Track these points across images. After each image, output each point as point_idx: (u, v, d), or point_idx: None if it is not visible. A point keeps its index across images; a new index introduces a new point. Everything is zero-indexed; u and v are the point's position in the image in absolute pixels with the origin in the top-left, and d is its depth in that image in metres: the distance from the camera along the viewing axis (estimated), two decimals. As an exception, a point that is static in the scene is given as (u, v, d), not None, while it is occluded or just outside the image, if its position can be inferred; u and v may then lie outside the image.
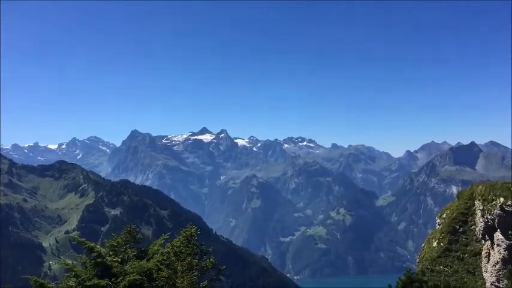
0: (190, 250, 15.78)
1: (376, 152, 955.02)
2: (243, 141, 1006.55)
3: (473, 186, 60.11)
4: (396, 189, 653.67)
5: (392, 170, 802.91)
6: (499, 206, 46.87)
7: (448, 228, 57.66)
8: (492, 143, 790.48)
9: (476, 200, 54.46)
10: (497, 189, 48.78)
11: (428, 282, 14.63)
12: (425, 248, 60.98)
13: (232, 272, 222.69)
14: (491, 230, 49.71)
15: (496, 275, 48.41)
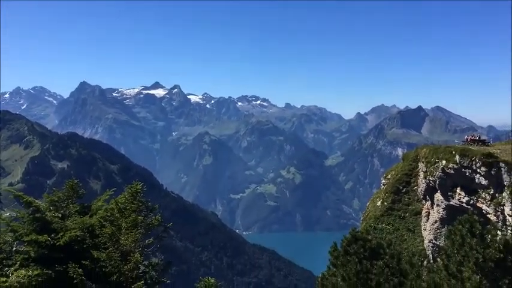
0: (136, 207, 15.31)
1: (328, 113, 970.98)
2: (197, 98, 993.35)
3: (418, 149, 62.44)
4: (345, 150, 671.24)
5: (342, 131, 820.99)
6: (441, 168, 48.93)
7: (392, 188, 59.99)
8: (438, 108, 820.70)
9: (420, 162, 56.65)
10: (440, 153, 50.74)
11: (372, 240, 14.95)
12: (369, 207, 63.39)
13: (182, 228, 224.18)
14: (432, 191, 52.10)
15: (434, 233, 51.17)
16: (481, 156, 44.73)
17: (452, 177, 47.87)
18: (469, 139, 59.02)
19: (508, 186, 41.80)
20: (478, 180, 44.98)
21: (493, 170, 43.53)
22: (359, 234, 14.88)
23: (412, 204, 57.30)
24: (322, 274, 16.27)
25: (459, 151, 47.64)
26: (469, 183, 46.19)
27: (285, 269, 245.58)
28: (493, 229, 11.92)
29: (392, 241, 44.12)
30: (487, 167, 43.88)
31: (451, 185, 48.56)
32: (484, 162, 44.11)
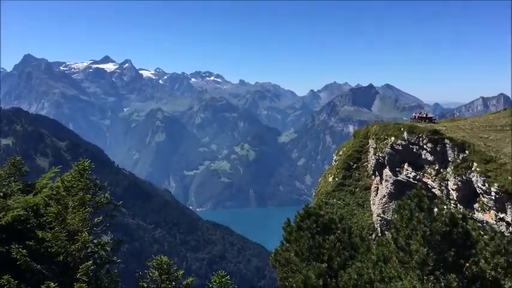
0: (83, 185, 14.70)
1: (282, 90, 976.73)
2: (149, 73, 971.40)
3: (369, 126, 63.98)
4: (298, 126, 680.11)
5: (296, 108, 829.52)
6: (390, 145, 50.37)
7: (343, 164, 61.36)
8: (388, 85, 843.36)
9: (370, 139, 58.09)
10: (390, 129, 52.16)
11: (324, 215, 15.16)
12: (321, 183, 64.67)
13: (134, 205, 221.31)
14: (381, 167, 53.69)
15: (383, 208, 52.92)
16: (427, 133, 46.33)
17: (401, 153, 49.43)
18: (416, 116, 60.98)
19: (452, 162, 43.62)
20: (425, 156, 46.67)
21: (438, 146, 45.24)
22: (312, 210, 15.06)
23: (362, 180, 58.90)
24: (275, 250, 16.43)
25: (407, 128, 49.12)
26: (416, 159, 47.87)
27: (238, 244, 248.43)
28: (440, 203, 12.33)
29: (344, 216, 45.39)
30: (433, 143, 45.55)
31: (399, 161, 50.17)
32: (430, 138, 45.74)
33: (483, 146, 43.00)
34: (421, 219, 11.12)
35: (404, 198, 12.20)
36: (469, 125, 51.33)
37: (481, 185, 39.64)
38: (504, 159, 40.71)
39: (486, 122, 52.25)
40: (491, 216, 38.88)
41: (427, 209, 11.39)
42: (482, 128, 49.04)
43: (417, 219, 11.22)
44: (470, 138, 45.05)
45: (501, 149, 42.67)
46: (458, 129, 48.86)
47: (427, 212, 11.34)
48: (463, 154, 43.04)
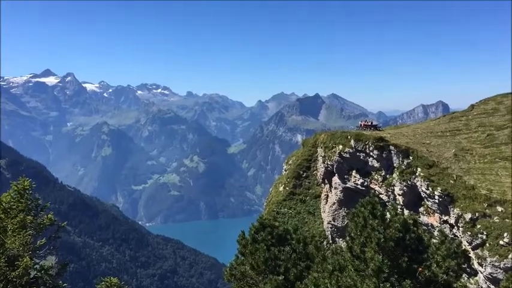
0: (24, 206, 13.77)
1: (230, 101, 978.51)
2: (93, 86, 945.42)
3: (317, 135, 65.03)
4: (247, 137, 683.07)
5: (244, 119, 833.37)
6: (338, 153, 51.31)
7: (293, 173, 61.89)
8: (333, 95, 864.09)
9: (318, 148, 58.98)
10: (337, 138, 53.18)
11: (279, 226, 15.04)
12: (272, 192, 64.87)
13: (80, 222, 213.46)
14: (330, 175, 54.55)
15: (333, 215, 53.68)
16: (373, 140, 47.58)
17: (348, 161, 50.45)
18: (362, 124, 62.60)
19: (397, 168, 44.97)
20: (371, 163, 47.86)
21: (384, 153, 46.55)
22: (266, 222, 14.91)
23: (312, 188, 59.60)
24: (230, 264, 16.11)
25: (354, 136, 50.25)
26: (363, 166, 49.00)
27: (190, 258, 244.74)
28: (393, 209, 12.52)
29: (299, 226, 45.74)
30: (379, 150, 46.82)
31: (347, 168, 51.17)
32: (376, 146, 46.99)
33: (426, 152, 44.64)
34: (375, 226, 11.23)
35: (358, 206, 12.29)
36: (411, 132, 53.22)
37: (425, 189, 41.04)
38: (445, 164, 42.44)
39: (427, 129, 54.37)
40: (436, 220, 40.28)
41: (380, 216, 11.52)
42: (424, 135, 50.99)
43: (371, 226, 11.32)
44: (413, 145, 46.66)
45: (442, 154, 44.48)
46: (402, 136, 50.51)
47: (381, 218, 11.47)
48: (407, 160, 44.48)
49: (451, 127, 52.98)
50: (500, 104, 55.51)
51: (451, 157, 43.55)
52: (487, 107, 56.10)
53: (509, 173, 39.43)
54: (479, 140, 47.49)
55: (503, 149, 44.23)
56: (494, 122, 50.82)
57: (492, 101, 58.14)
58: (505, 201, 35.58)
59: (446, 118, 59.69)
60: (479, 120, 52.62)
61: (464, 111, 58.70)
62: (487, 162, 42.30)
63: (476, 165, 41.91)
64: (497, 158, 42.64)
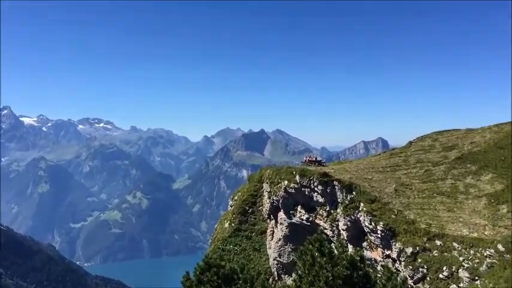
0: None
1: (175, 136, 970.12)
2: (31, 120, 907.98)
3: (262, 170, 65.16)
4: (193, 172, 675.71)
5: (189, 154, 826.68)
6: (283, 188, 51.51)
7: (239, 209, 61.34)
8: (278, 131, 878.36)
9: (264, 183, 58.99)
10: (282, 173, 53.51)
11: (225, 266, 14.55)
12: (217, 229, 63.80)
13: (12, 263, 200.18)
14: (276, 210, 54.48)
15: (278, 251, 53.30)
16: (318, 175, 48.25)
17: (294, 196, 50.71)
18: (307, 160, 63.54)
19: (341, 203, 45.67)
20: (316, 198, 48.34)
21: (328, 188, 47.22)
22: (212, 261, 14.40)
23: (258, 224, 59.18)
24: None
25: (299, 171, 50.78)
26: (309, 201, 49.38)
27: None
28: (340, 246, 12.45)
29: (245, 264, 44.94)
30: (323, 185, 47.48)
31: (293, 204, 51.35)
32: (321, 181, 47.65)
33: (368, 187, 45.73)
34: (323, 264, 11.09)
35: (306, 243, 12.14)
36: (354, 167, 54.56)
37: (368, 224, 41.78)
38: (387, 199, 43.59)
39: (369, 164, 55.97)
40: (379, 254, 40.93)
41: (329, 254, 11.42)
42: (366, 170, 52.39)
43: (319, 264, 11.17)
44: (356, 180, 47.73)
45: (383, 189, 45.75)
46: (345, 172, 51.61)
47: (329, 256, 11.37)
48: (350, 195, 45.32)
49: (391, 163, 54.81)
50: (436, 141, 58.31)
51: (392, 192, 44.83)
52: (424, 144, 58.70)
53: (446, 208, 41.01)
54: (418, 176, 49.34)
55: (440, 184, 46.12)
56: (431, 158, 53.12)
57: (428, 138, 61.01)
58: (443, 235, 36.82)
59: (386, 154, 61.80)
60: (417, 157, 54.85)
61: (403, 148, 61.10)
62: (426, 197, 43.87)
63: (415, 200, 43.33)
64: (434, 193, 44.35)
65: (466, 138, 56.57)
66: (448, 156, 51.85)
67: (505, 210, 38.66)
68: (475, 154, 50.26)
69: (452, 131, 61.91)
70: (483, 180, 45.15)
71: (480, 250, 33.46)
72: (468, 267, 32.78)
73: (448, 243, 35.69)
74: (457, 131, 61.28)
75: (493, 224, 36.68)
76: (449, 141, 57.33)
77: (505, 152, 48.09)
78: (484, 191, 42.96)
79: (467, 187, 44.78)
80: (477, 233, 35.97)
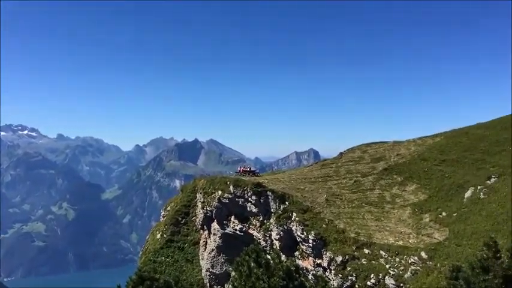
0: None
1: (105, 145, 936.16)
2: None
3: (196, 180, 64.42)
4: (123, 182, 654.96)
5: (120, 163, 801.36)
6: (217, 198, 51.18)
7: (172, 220, 60.07)
8: (212, 141, 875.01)
9: (198, 193, 58.30)
10: (216, 183, 53.24)
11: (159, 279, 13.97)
12: (149, 240, 62.03)
13: None
14: (209, 221, 53.96)
15: (211, 262, 52.68)
16: (251, 185, 48.45)
17: (228, 206, 50.53)
18: (241, 170, 63.69)
19: (274, 213, 46.06)
20: (250, 208, 48.46)
21: (262, 198, 47.52)
22: (146, 274, 13.77)
23: (190, 235, 58.24)
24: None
25: (233, 181, 50.76)
26: (242, 211, 49.40)
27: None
28: (277, 257, 12.35)
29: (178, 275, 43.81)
30: (257, 195, 47.72)
31: (226, 214, 51.12)
32: (255, 191, 47.88)
33: (300, 197, 46.53)
34: (260, 275, 10.93)
35: (243, 254, 11.93)
36: (287, 178, 55.34)
37: (300, 233, 42.44)
38: (318, 208, 44.54)
39: (302, 175, 57.02)
40: (310, 263, 41.62)
41: (265, 264, 11.29)
42: (299, 180, 53.31)
43: (256, 275, 10.99)
44: (289, 190, 48.42)
45: (315, 199, 46.73)
46: (278, 182, 52.19)
47: (265, 267, 11.23)
48: (283, 205, 45.87)
49: (322, 173, 56.20)
50: (365, 153, 60.61)
51: (323, 202, 45.89)
52: (354, 155, 60.80)
53: (374, 217, 42.58)
54: (348, 186, 50.95)
55: (369, 194, 47.89)
56: (360, 169, 55.08)
57: (358, 149, 63.31)
58: (371, 243, 38.13)
59: (318, 165, 63.34)
60: (348, 168, 56.68)
61: (334, 159, 62.93)
62: (355, 206, 45.33)
63: (345, 210, 44.64)
64: (363, 203, 45.96)
65: (393, 150, 59.33)
66: (376, 168, 54.03)
67: (428, 219, 40.78)
68: (401, 165, 52.79)
69: (380, 143, 64.68)
70: (408, 190, 47.46)
71: (405, 258, 34.97)
72: (394, 275, 34.09)
73: (375, 251, 36.99)
74: (384, 143, 64.11)
75: (417, 233, 38.53)
76: (377, 152, 59.84)
77: (428, 164, 50.86)
78: (409, 201, 45.15)
79: (394, 197, 46.85)
80: (402, 241, 37.59)
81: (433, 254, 33.87)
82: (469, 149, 51.11)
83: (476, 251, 30.09)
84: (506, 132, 52.04)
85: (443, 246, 34.63)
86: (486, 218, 36.67)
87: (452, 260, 31.14)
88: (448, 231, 37.20)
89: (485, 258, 10.08)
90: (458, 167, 48.21)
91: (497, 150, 48.58)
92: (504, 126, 54.52)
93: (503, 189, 40.21)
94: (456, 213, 40.00)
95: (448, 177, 46.72)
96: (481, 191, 42.03)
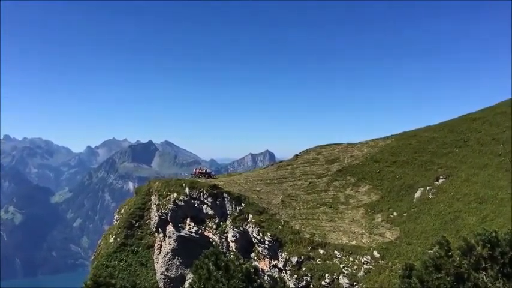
0: None
1: (55, 146, 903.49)
2: None
3: (151, 183, 63.24)
4: (74, 185, 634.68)
5: (71, 165, 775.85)
6: (172, 201, 50.43)
7: (125, 223, 58.70)
8: (167, 142, 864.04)
9: (152, 196, 57.25)
10: (172, 186, 52.46)
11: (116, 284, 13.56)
12: (101, 244, 60.31)
13: None
14: (165, 223, 53.09)
15: (166, 265, 51.88)
16: (207, 188, 48.08)
17: (183, 209, 49.89)
18: (197, 172, 63.09)
19: (230, 215, 45.92)
20: (206, 210, 48.06)
21: (218, 200, 47.25)
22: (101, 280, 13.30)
23: (145, 238, 57.14)
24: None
25: (189, 183, 50.17)
26: (198, 213, 48.92)
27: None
28: (236, 259, 12.26)
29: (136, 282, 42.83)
30: (213, 197, 47.41)
31: (182, 217, 50.47)
32: (211, 193, 47.55)
33: (256, 199, 46.62)
34: (219, 277, 10.81)
35: (202, 257, 11.76)
36: (243, 180, 55.33)
37: (256, 234, 42.52)
38: (274, 210, 44.79)
39: (258, 177, 57.18)
40: (266, 264, 41.77)
41: (224, 267, 11.17)
42: (255, 182, 53.42)
43: (215, 278, 10.86)
44: (245, 192, 48.42)
45: (271, 201, 46.97)
46: (234, 184, 52.09)
47: (225, 269, 11.11)
48: (239, 207, 45.81)
49: (278, 175, 56.59)
50: (320, 155, 61.56)
51: (279, 203, 46.20)
52: (309, 157, 61.60)
53: (328, 218, 43.30)
54: (303, 188, 51.54)
55: (323, 196, 48.63)
56: (315, 170, 55.87)
57: (313, 151, 64.22)
58: (325, 243, 38.71)
59: (274, 167, 63.72)
60: (303, 169, 57.35)
61: (290, 161, 63.52)
62: (310, 207, 45.91)
63: (300, 211, 45.12)
64: (318, 204, 46.62)
65: (347, 152, 60.58)
66: (331, 169, 54.98)
67: (380, 219, 41.87)
68: (354, 167, 53.96)
69: (334, 145, 65.90)
70: (361, 191, 48.56)
71: (358, 257, 35.71)
72: (348, 274, 34.75)
73: (330, 251, 37.59)
74: (338, 145, 65.37)
75: (370, 232, 39.47)
76: (331, 154, 60.93)
77: (380, 165, 52.25)
78: (362, 202, 46.20)
79: (347, 198, 47.81)
80: (355, 241, 38.39)
81: (385, 253, 34.79)
82: (419, 151, 52.92)
83: (426, 249, 31.23)
84: (452, 135, 54.27)
85: (394, 245, 35.64)
86: (435, 218, 38.10)
87: (403, 258, 32.12)
88: (399, 231, 38.34)
89: (438, 256, 10.40)
90: (409, 168, 49.84)
91: (445, 152, 50.57)
92: (451, 129, 56.83)
93: (451, 190, 41.93)
94: (406, 213, 41.34)
95: (399, 178, 48.21)
96: (429, 191, 43.65)
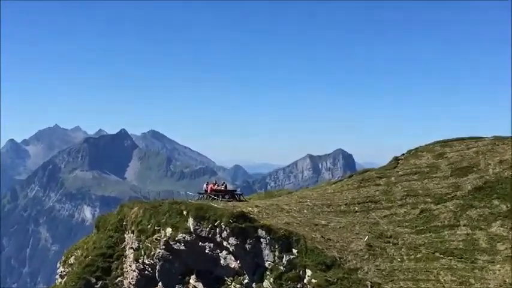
0: None
1: None
2: None
3: (124, 208, 65.34)
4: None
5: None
6: (164, 241, 51.48)
7: (78, 283, 60.37)
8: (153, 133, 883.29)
9: (127, 232, 58.69)
10: (162, 214, 53.74)
11: None
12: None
13: None
14: (149, 284, 54.31)
15: None
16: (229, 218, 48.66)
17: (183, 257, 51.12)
18: (209, 188, 64.64)
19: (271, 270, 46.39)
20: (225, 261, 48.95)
21: (248, 243, 47.81)
22: None
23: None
24: None
25: (194, 210, 51.19)
26: (211, 265, 49.87)
27: None
28: None
29: None
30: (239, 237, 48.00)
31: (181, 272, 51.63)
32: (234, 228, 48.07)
33: (320, 240, 46.86)
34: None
35: None
36: (295, 204, 55.63)
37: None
38: (354, 262, 44.89)
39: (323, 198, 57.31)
40: None
41: None
42: (318, 208, 53.57)
43: None
44: (299, 227, 48.72)
45: (348, 244, 47.09)
46: (279, 211, 52.47)
47: None
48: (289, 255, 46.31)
49: (361, 196, 56.35)
50: (441, 158, 60.75)
51: (363, 250, 46.07)
52: (419, 162, 60.90)
53: (457, 278, 42.77)
54: (409, 220, 51.14)
55: (447, 236, 48.06)
56: (432, 188, 55.16)
57: (427, 152, 63.45)
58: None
59: (354, 180, 63.37)
60: (408, 185, 56.78)
61: (383, 169, 62.96)
62: (422, 259, 45.50)
63: (404, 264, 44.83)
64: (437, 252, 46.13)
65: (492, 153, 59.59)
66: (462, 186, 54.24)
67: None
68: (506, 182, 53.02)
69: (467, 140, 65.04)
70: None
71: None
72: None
73: None
74: (476, 140, 64.46)
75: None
76: (462, 157, 60.03)
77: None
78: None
79: (493, 241, 47.05)
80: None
81: None
82: None
83: None
84: None
85: None
86: None
87: None
88: None
89: None
90: None
91: None
92: None
93: None
94: None
95: None
96: None
